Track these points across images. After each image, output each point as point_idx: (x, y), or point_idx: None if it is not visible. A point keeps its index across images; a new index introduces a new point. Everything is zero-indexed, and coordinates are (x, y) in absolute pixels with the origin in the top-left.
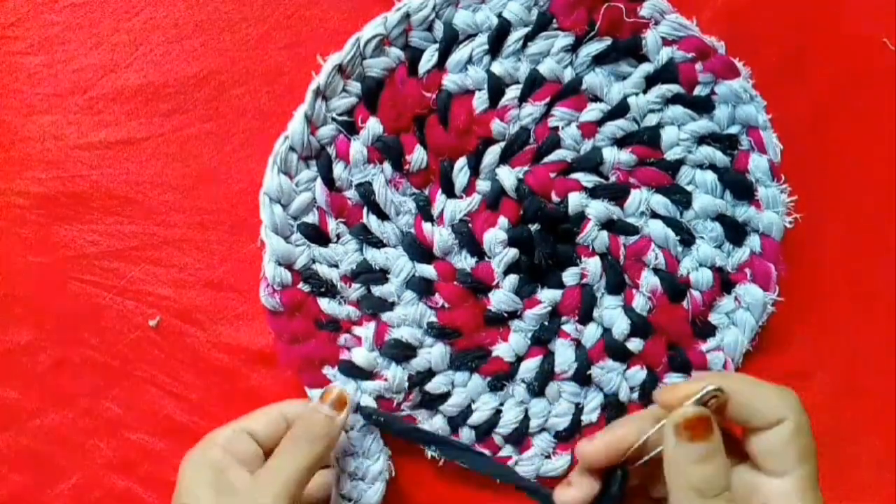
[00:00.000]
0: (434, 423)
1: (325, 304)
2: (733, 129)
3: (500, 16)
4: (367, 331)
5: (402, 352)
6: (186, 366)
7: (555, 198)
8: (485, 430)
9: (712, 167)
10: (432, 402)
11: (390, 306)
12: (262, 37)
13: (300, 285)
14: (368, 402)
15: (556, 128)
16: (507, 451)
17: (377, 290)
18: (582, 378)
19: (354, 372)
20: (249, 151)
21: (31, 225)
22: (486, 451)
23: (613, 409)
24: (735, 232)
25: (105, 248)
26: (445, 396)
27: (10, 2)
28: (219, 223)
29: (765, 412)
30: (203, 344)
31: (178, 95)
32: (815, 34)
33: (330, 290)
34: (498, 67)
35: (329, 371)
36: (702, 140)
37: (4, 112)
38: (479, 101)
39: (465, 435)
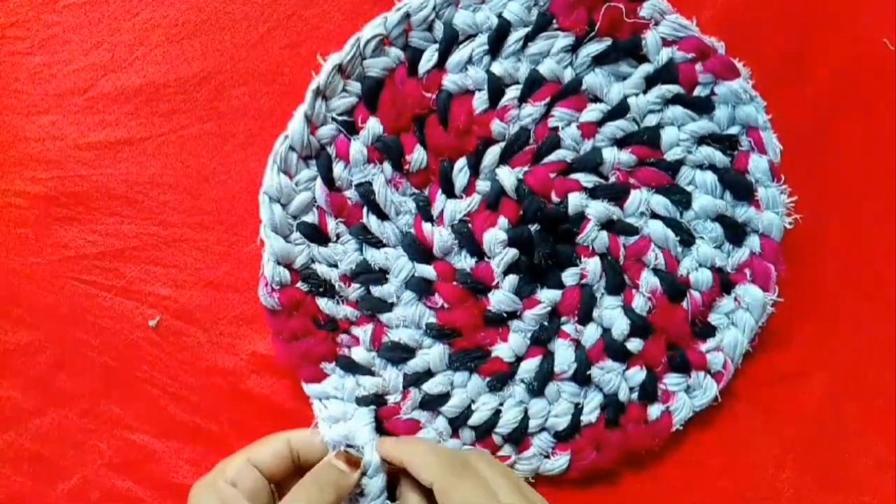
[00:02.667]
0: (436, 425)
1: (324, 304)
2: (733, 130)
3: (500, 16)
4: (364, 332)
5: (399, 354)
6: (186, 366)
7: (555, 198)
8: (484, 431)
9: (712, 167)
10: (432, 403)
11: (389, 307)
12: (262, 37)
13: (299, 284)
14: None
15: (556, 128)
16: (506, 450)
17: (376, 291)
18: (581, 378)
19: (353, 368)
20: (249, 151)
21: (30, 225)
22: None
23: (613, 409)
24: (735, 232)
25: (105, 249)
26: (445, 397)
27: (11, 2)
28: (218, 223)
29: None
30: (203, 344)
31: (178, 95)
32: (815, 34)
33: (329, 290)
34: (498, 67)
35: (327, 366)
36: (702, 140)
37: (5, 112)
38: (479, 101)
39: (466, 436)
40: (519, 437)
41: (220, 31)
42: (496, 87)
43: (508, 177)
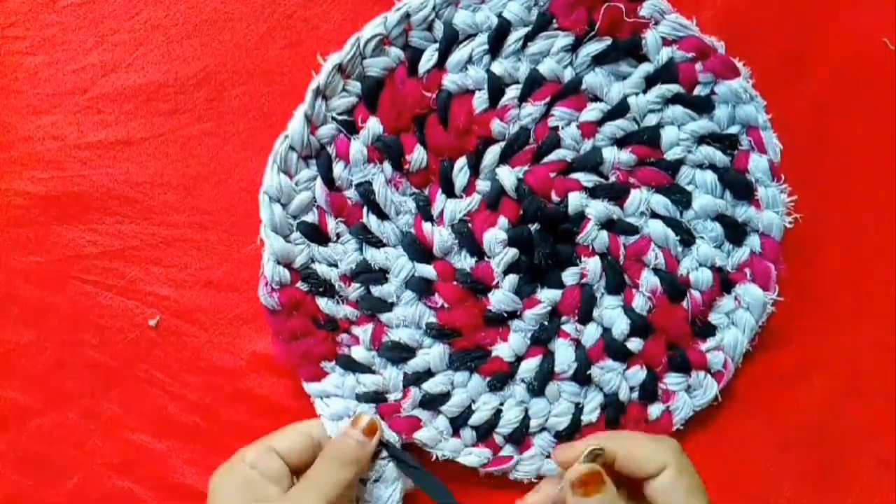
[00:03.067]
0: (437, 424)
1: (324, 304)
2: (733, 129)
3: (500, 16)
4: (364, 332)
5: (399, 353)
6: (186, 366)
7: (555, 198)
8: (485, 430)
9: (712, 167)
10: (432, 403)
11: (389, 307)
12: (262, 37)
13: (299, 284)
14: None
15: (556, 128)
16: (507, 450)
17: (376, 291)
18: (582, 378)
19: (353, 366)
20: (249, 152)
21: (30, 225)
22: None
23: (613, 408)
24: (735, 232)
25: (105, 248)
26: (446, 396)
27: (11, 2)
28: (218, 223)
29: (645, 464)
30: (203, 344)
31: (178, 95)
32: (815, 34)
33: (328, 290)
34: (498, 67)
35: (327, 365)
36: (702, 140)
37: (5, 112)
38: (479, 100)
39: (467, 435)
40: (520, 437)
41: (219, 31)
42: (496, 87)
43: (508, 176)
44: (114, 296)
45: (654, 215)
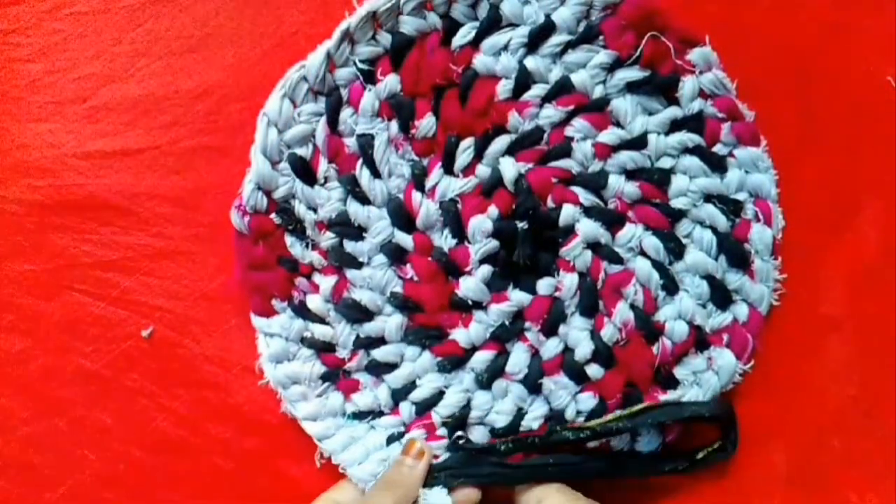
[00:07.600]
0: (378, 392)
1: (290, 243)
2: (740, 196)
3: (547, 16)
4: (327, 282)
5: (356, 313)
6: (178, 378)
7: (550, 203)
8: (424, 407)
9: (713, 229)
10: (378, 370)
11: (358, 265)
12: (264, 53)
13: (273, 216)
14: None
15: (572, 138)
16: (441, 433)
17: (349, 246)
18: (531, 385)
19: (306, 314)
20: (246, 166)
21: (25, 233)
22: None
23: (556, 423)
24: (721, 296)
25: (99, 258)
26: (393, 367)
27: (14, 9)
28: (214, 236)
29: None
30: (195, 356)
31: (178, 108)
32: (815, 36)
33: (299, 231)
34: (531, 62)
35: (278, 304)
36: (708, 198)
37: (3, 118)
38: (503, 88)
39: (405, 410)
40: (457, 423)
41: (222, 47)
42: (524, 81)
43: (511, 168)
44: (107, 306)
45: (643, 254)
